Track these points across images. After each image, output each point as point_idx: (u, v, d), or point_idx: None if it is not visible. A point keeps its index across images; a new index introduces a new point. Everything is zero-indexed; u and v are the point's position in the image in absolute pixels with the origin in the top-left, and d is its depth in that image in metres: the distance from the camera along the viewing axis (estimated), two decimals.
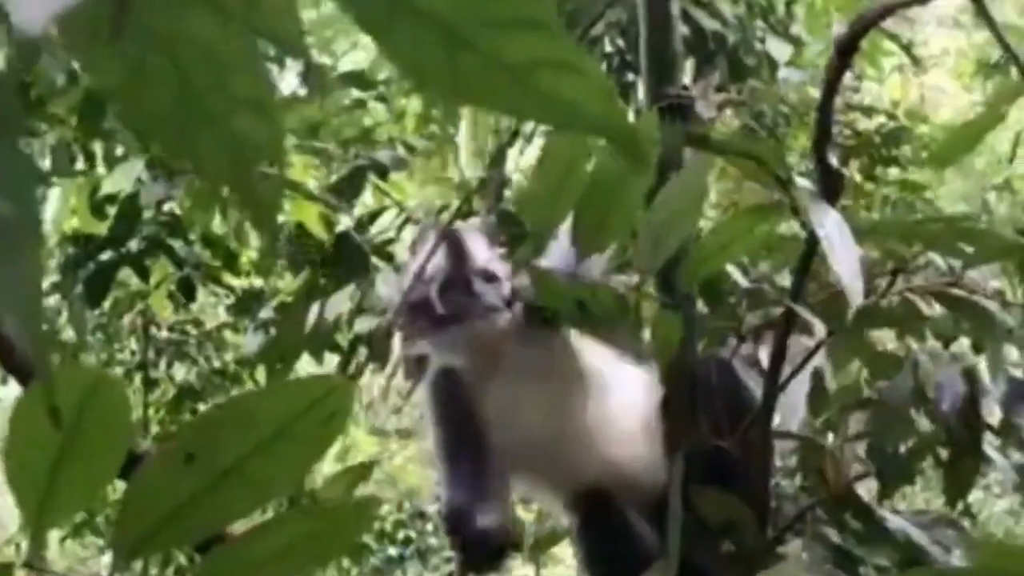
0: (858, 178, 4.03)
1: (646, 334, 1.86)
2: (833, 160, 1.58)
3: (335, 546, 0.93)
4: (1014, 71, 2.11)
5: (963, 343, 2.45)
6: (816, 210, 1.46)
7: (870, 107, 4.17)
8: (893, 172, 4.29)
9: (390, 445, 9.84)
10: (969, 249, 1.71)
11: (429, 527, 6.61)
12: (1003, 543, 1.95)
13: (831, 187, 1.51)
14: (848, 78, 5.02)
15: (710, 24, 3.52)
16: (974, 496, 5.68)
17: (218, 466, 0.87)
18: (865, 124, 4.10)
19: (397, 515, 6.98)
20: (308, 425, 0.88)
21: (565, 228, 1.80)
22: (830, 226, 1.45)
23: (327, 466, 7.66)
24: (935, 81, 8.48)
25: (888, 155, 4.12)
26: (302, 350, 3.23)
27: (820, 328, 1.53)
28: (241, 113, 0.58)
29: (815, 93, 3.47)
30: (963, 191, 6.51)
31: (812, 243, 1.55)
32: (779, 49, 3.74)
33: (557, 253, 1.89)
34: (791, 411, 1.87)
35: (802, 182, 1.53)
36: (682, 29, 3.57)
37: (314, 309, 2.96)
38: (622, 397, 2.07)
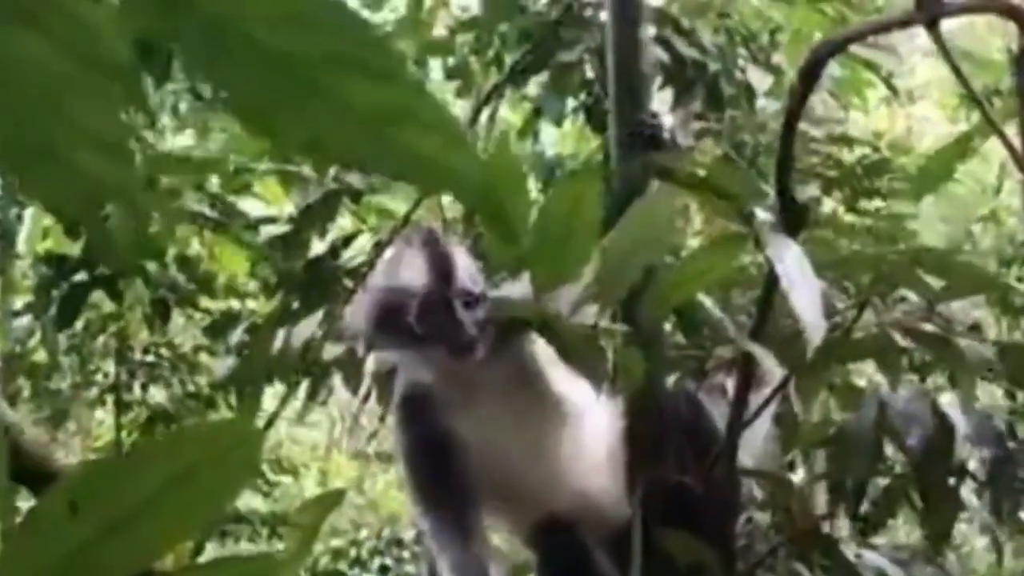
0: (840, 210, 3.99)
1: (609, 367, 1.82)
2: (805, 191, 1.55)
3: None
4: (997, 101, 2.06)
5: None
6: (776, 244, 1.42)
7: (852, 138, 4.13)
8: (876, 204, 4.26)
9: (371, 468, 9.76)
10: (940, 283, 1.67)
11: (406, 554, 6.52)
12: None
13: (793, 219, 1.47)
14: (833, 108, 4.99)
15: (689, 52, 3.48)
16: (956, 529, 5.61)
17: (107, 517, 0.81)
18: (848, 156, 4.06)
19: (375, 542, 6.89)
20: (210, 476, 0.82)
21: None
22: (790, 260, 1.40)
23: (308, 491, 7.60)
24: (923, 112, 8.48)
25: (871, 187, 4.07)
26: (271, 374, 3.17)
27: (774, 367, 1.48)
28: (87, 150, 0.53)
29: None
30: (947, 222, 6.47)
31: (773, 278, 1.50)
32: (759, 78, 3.71)
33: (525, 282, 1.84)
34: (756, 446, 1.82)
35: (764, 216, 1.49)
36: (661, 56, 3.55)
37: (281, 333, 2.90)
38: (592, 426, 2.03)
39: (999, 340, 1.87)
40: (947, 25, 1.39)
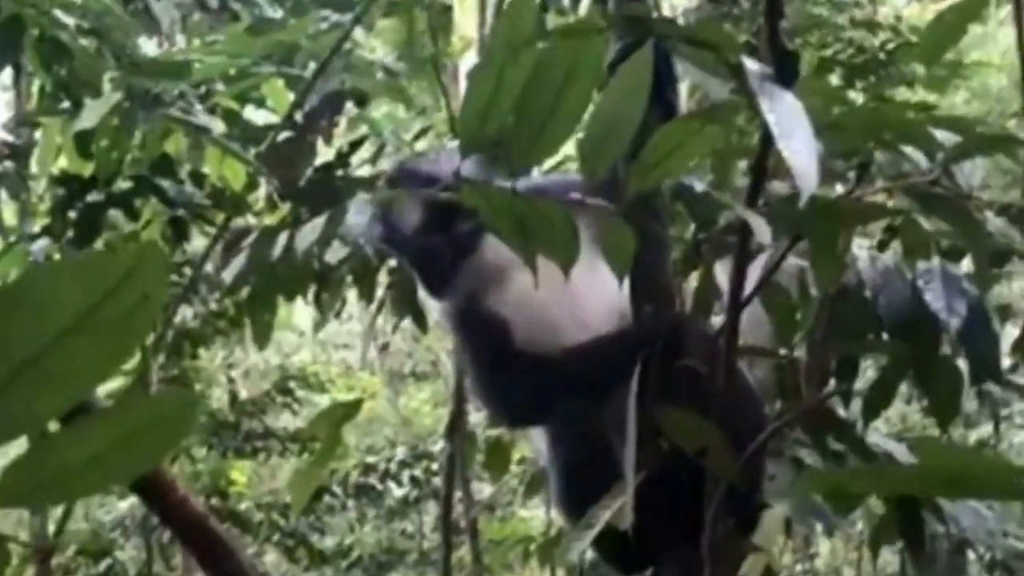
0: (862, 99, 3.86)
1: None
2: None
3: (154, 447, 0.81)
4: None
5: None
6: (766, 94, 1.32)
7: (875, 22, 3.97)
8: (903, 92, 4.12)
9: (407, 389, 9.80)
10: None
11: (435, 466, 6.54)
12: (945, 444, 1.84)
13: (784, 69, 1.37)
14: None
15: None
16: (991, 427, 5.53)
17: (12, 359, 0.76)
18: (870, 42, 3.92)
19: (405, 455, 6.92)
20: (115, 309, 0.76)
21: None
22: (782, 111, 1.31)
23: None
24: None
25: (896, 74, 3.93)
26: (278, 282, 3.12)
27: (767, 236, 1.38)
28: None
29: None
30: (981, 115, 6.28)
31: (768, 135, 1.40)
32: None
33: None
34: (757, 325, 1.75)
35: (755, 67, 1.39)
36: None
37: (282, 238, 2.84)
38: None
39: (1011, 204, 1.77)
40: None
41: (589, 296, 2.05)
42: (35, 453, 0.81)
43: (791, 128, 1.29)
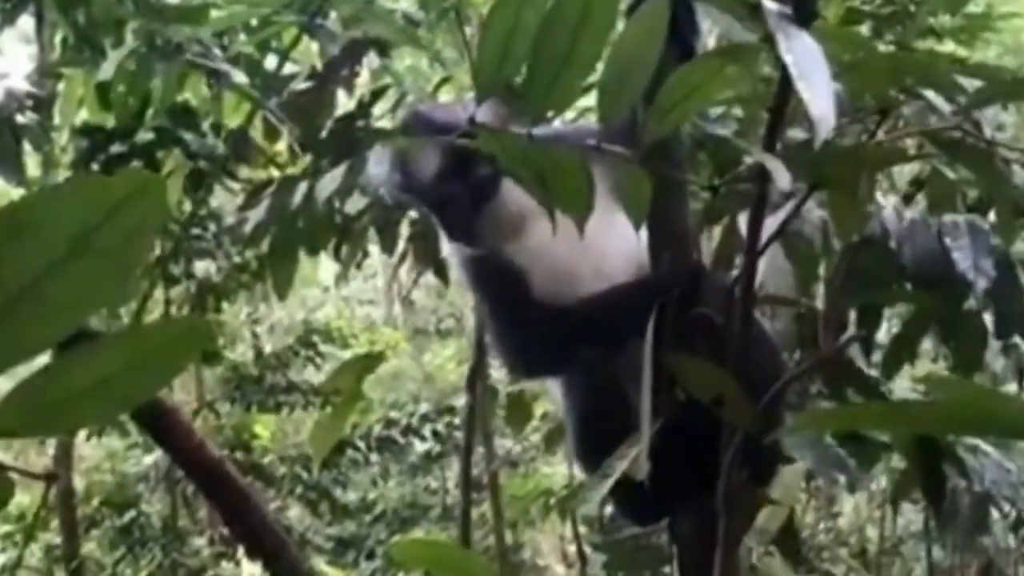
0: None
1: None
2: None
3: (162, 371, 0.81)
4: None
5: None
6: (785, 34, 1.29)
7: None
8: (932, 45, 4.05)
9: (431, 345, 9.81)
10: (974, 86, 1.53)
11: (457, 421, 6.55)
12: (962, 380, 1.81)
13: (803, 9, 1.34)
14: None
15: None
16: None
17: (10, 285, 0.75)
18: None
19: (427, 410, 6.93)
20: (111, 236, 0.75)
21: None
22: (800, 51, 1.28)
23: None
24: None
25: (924, 25, 3.86)
26: (298, 233, 3.11)
27: (786, 182, 1.36)
28: None
29: None
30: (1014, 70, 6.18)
31: (786, 76, 1.38)
32: None
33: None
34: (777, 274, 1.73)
35: (775, 6, 1.36)
36: None
37: (302, 188, 2.83)
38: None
39: None
40: None
41: (607, 245, 2.03)
42: (38, 379, 0.80)
43: (809, 68, 1.26)
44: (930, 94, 1.53)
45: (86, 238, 0.74)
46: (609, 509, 2.82)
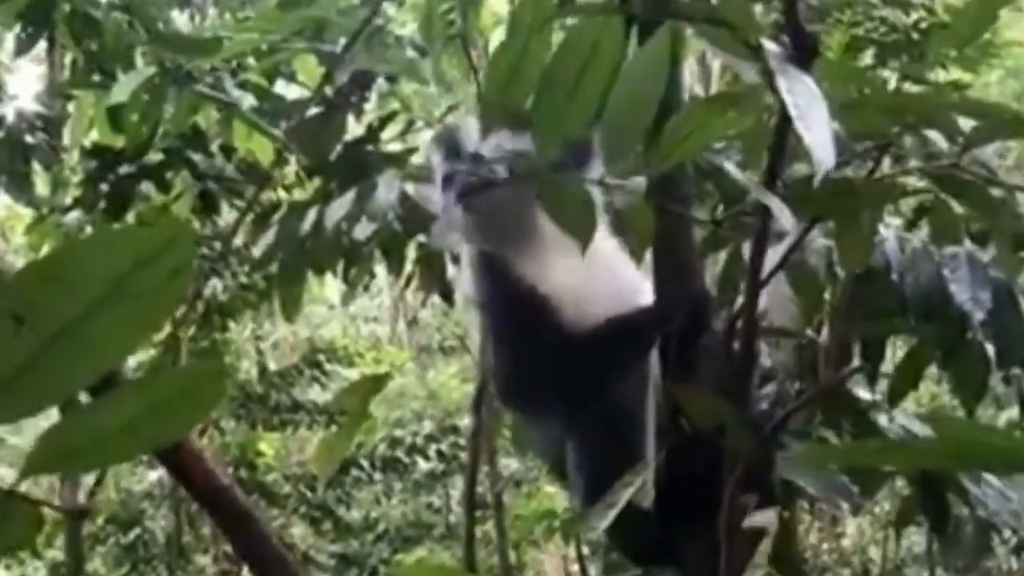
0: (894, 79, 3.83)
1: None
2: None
3: (184, 416, 0.84)
4: None
5: None
6: (785, 75, 1.32)
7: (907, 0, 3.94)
8: (936, 70, 4.08)
9: (435, 363, 9.82)
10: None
11: (461, 441, 6.57)
12: (962, 420, 1.84)
13: (803, 50, 1.37)
14: None
15: None
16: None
17: (49, 328, 0.78)
18: (903, 21, 3.89)
19: (432, 429, 6.95)
20: (146, 282, 0.78)
21: None
22: (800, 92, 1.31)
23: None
24: None
25: (929, 53, 3.90)
26: (307, 256, 3.14)
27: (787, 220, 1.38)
28: None
29: None
30: (1019, 101, 6.22)
31: (786, 115, 1.40)
32: None
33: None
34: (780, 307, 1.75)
35: (776, 48, 1.39)
36: None
37: (312, 214, 2.86)
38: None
39: None
40: None
41: (613, 273, 2.04)
42: (70, 421, 0.83)
43: (808, 109, 1.29)
44: (931, 132, 1.56)
45: (121, 284, 0.78)
46: None
